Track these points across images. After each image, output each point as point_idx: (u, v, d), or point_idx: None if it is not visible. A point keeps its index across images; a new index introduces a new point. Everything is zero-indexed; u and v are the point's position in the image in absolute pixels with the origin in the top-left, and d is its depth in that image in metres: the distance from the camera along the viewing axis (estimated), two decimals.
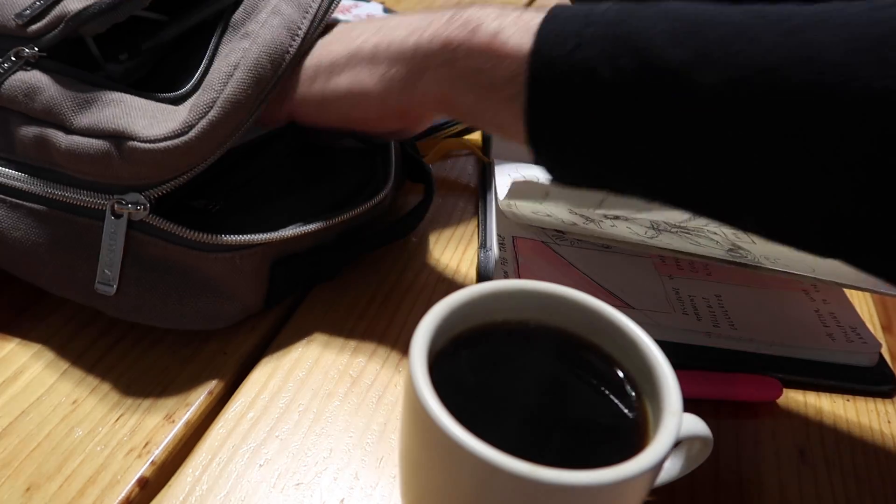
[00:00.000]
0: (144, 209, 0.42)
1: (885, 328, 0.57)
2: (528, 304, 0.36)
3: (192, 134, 0.41)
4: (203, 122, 0.42)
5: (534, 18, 0.39)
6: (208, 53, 0.47)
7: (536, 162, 0.41)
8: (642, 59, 0.35)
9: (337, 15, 0.49)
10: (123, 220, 0.42)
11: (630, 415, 0.33)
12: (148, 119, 0.42)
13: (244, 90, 0.43)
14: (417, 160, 0.59)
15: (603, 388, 0.34)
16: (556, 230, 0.51)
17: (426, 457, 0.31)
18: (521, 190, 0.50)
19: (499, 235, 0.56)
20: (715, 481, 0.43)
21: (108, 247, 0.42)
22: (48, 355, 0.44)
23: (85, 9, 0.43)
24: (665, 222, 0.54)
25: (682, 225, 0.54)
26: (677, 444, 0.35)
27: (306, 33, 0.46)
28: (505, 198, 0.52)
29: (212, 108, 0.42)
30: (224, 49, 0.45)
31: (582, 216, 0.53)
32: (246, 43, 0.44)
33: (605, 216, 0.53)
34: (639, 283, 0.53)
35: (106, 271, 0.42)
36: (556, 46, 0.37)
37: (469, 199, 0.64)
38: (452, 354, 0.34)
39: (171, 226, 0.43)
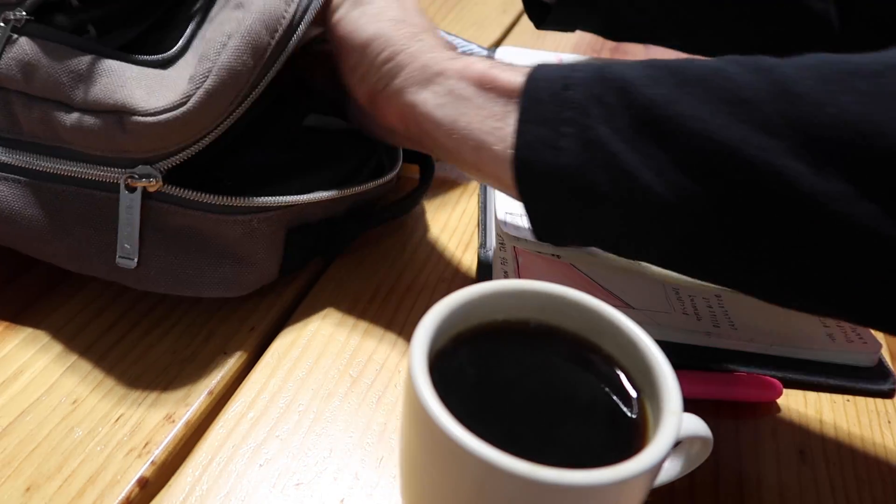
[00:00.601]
0: (157, 181, 0.42)
1: None
2: (528, 304, 0.36)
3: (189, 105, 0.41)
4: (200, 92, 0.42)
5: (523, 67, 0.42)
6: (194, 20, 0.48)
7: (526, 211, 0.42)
8: (625, 95, 0.37)
9: None
10: (138, 193, 0.42)
11: (630, 415, 0.33)
12: (144, 89, 0.42)
13: (239, 57, 0.42)
14: None
15: (603, 388, 0.34)
16: (553, 255, 0.51)
17: (426, 457, 0.31)
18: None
19: (498, 235, 0.56)
20: (715, 481, 0.43)
21: (126, 221, 0.43)
22: (48, 355, 0.44)
23: None
24: None
25: None
26: (677, 443, 0.35)
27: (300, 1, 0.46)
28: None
29: (208, 77, 0.42)
30: (217, 19, 0.46)
31: None
32: (240, 13, 0.44)
33: None
34: (639, 283, 0.53)
35: (126, 245, 0.43)
36: (544, 86, 0.40)
37: (469, 198, 0.64)
38: (453, 354, 0.34)
39: (188, 192, 0.43)
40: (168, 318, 0.47)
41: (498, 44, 0.98)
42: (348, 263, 0.55)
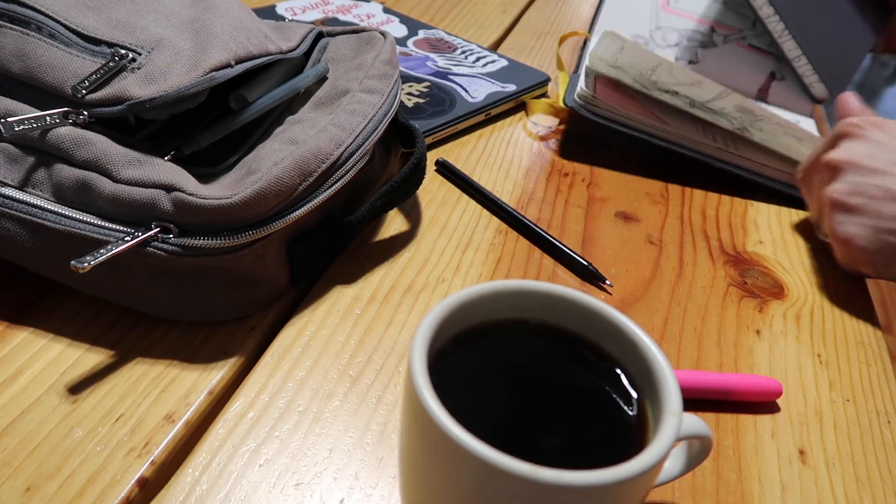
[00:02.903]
0: (173, 239, 0.43)
1: (885, 329, 0.57)
2: (528, 304, 0.36)
3: (236, 199, 0.43)
4: (248, 191, 0.43)
5: None
6: (244, 147, 0.51)
7: None
8: None
9: (337, 15, 0.51)
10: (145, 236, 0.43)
11: (630, 414, 0.33)
12: (193, 182, 0.44)
13: (287, 172, 0.45)
14: (408, 127, 0.60)
15: (603, 388, 0.34)
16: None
17: (426, 457, 0.31)
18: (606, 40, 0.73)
19: (587, 68, 0.70)
20: (715, 481, 0.43)
21: (108, 249, 0.42)
22: (48, 355, 0.44)
23: (151, 98, 0.45)
24: (700, 102, 0.71)
25: (708, 106, 0.70)
26: (677, 443, 0.35)
27: (349, 145, 0.50)
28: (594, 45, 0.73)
29: (258, 182, 0.44)
30: (268, 147, 0.48)
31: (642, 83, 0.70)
32: (293, 146, 0.47)
33: (658, 88, 0.70)
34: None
35: (88, 258, 0.41)
36: None
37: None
38: (453, 354, 0.34)
39: (200, 242, 0.43)
40: (168, 318, 0.47)
41: (498, 44, 0.98)
42: (348, 263, 0.55)
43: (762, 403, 0.48)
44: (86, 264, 0.40)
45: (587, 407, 0.34)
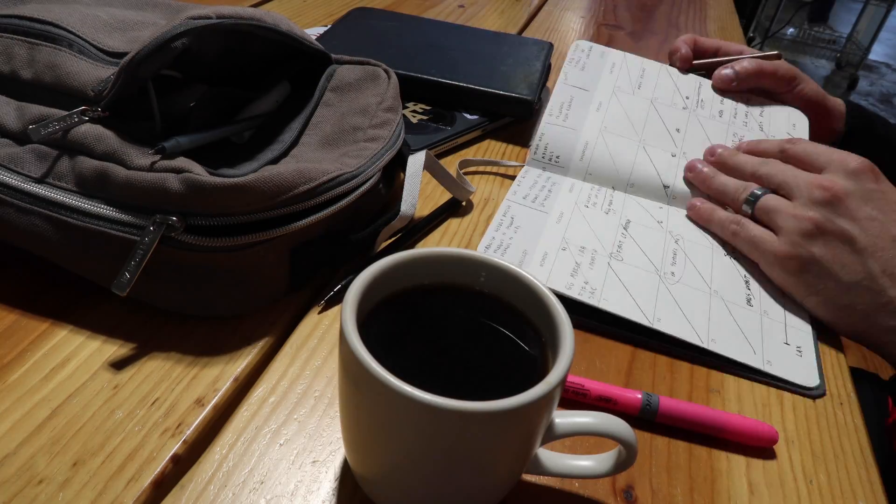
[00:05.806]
0: (180, 230, 0.44)
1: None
2: (449, 268, 0.39)
3: (250, 178, 0.45)
4: (264, 171, 0.46)
5: None
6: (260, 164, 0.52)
7: None
8: None
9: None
10: (156, 236, 0.44)
11: (534, 359, 0.36)
12: (203, 169, 0.45)
13: (294, 173, 0.47)
14: (402, 153, 0.62)
15: (513, 338, 0.37)
16: None
17: (354, 397, 0.34)
18: None
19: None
20: (714, 482, 0.44)
21: (136, 255, 0.44)
22: (93, 345, 0.46)
23: (137, 52, 0.45)
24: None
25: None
26: (613, 447, 0.38)
27: (351, 173, 0.52)
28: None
29: (265, 171, 0.46)
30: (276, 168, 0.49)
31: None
32: (299, 163, 0.49)
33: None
34: None
35: (126, 275, 0.43)
36: None
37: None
38: (381, 313, 0.37)
39: (205, 240, 0.45)
40: (196, 315, 0.49)
41: None
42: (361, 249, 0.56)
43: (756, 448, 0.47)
44: (123, 282, 0.43)
45: (499, 354, 0.36)
